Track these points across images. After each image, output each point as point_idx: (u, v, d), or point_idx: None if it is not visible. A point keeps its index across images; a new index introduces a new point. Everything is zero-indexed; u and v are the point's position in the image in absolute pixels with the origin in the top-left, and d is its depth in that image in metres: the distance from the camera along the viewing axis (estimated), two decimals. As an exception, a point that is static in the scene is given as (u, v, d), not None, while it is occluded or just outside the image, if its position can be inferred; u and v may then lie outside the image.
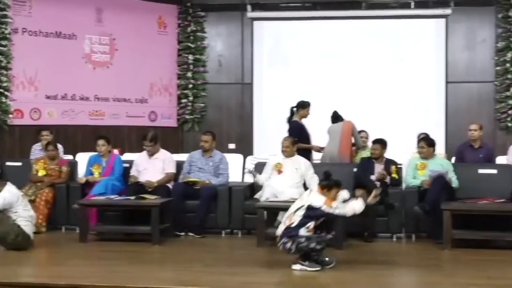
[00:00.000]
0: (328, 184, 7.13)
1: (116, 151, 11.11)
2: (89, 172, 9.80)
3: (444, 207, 8.23)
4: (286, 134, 9.98)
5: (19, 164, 10.40)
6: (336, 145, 10.32)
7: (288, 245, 6.93)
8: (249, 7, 13.70)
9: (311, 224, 6.94)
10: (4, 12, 12.12)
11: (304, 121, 10.46)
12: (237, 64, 14.08)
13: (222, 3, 14.03)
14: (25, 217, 8.05)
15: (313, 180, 8.95)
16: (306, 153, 10.05)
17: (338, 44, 13.73)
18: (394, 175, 9.31)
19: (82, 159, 10.48)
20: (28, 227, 8.07)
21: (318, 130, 10.62)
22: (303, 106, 10.43)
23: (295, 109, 10.48)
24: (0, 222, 7.90)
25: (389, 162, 9.44)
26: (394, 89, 13.37)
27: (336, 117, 10.68)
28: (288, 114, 10.52)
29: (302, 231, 6.91)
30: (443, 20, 13.42)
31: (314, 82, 13.37)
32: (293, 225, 6.95)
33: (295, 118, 10.43)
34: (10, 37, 12.25)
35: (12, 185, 8.14)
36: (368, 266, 7.29)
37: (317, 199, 7.01)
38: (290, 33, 13.98)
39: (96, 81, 13.20)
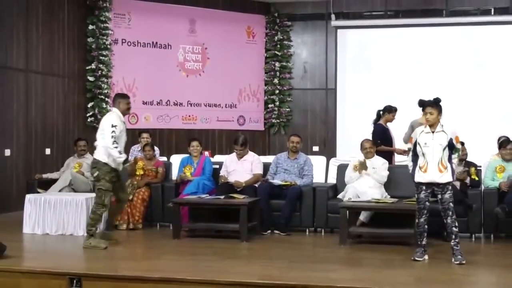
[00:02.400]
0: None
1: (206, 153, 11.25)
2: (181, 173, 9.96)
3: (524, 208, 8.04)
4: (368, 137, 9.88)
5: (118, 165, 10.63)
6: None
7: None
8: (333, 16, 13.69)
9: None
10: (106, 25, 12.48)
11: (389, 125, 10.35)
12: (321, 71, 14.06)
13: (307, 12, 14.05)
14: None
15: (384, 173, 9.06)
16: (388, 155, 9.95)
17: (420, 51, 13.55)
18: (474, 177, 9.13)
19: (176, 160, 10.65)
20: None
21: (400, 134, 10.50)
22: (389, 110, 10.31)
23: (381, 112, 10.38)
24: None
25: (469, 164, 9.26)
26: (474, 94, 13.10)
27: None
28: (372, 117, 10.42)
29: None
30: (523, 26, 13.09)
31: (396, 88, 13.22)
32: None
33: (381, 121, 10.34)
34: (111, 48, 12.60)
35: None
36: (446, 264, 7.16)
37: None
38: (373, 41, 13.87)
39: (189, 88, 13.42)
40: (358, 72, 13.88)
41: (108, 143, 7.82)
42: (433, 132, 7.17)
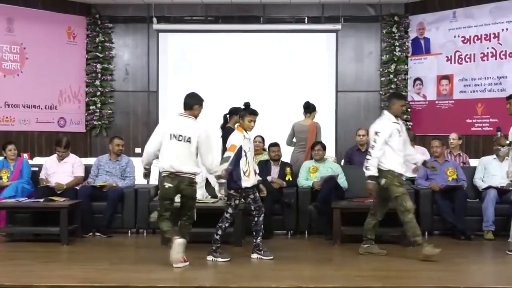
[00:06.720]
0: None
1: (25, 155, 10.84)
2: (-3, 178, 9.54)
3: (334, 206, 8.41)
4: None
5: None
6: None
7: None
8: (154, 20, 13.64)
9: None
10: None
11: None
12: (143, 73, 13.96)
13: (129, 15, 13.88)
14: None
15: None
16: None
17: (239, 56, 13.79)
18: (289, 177, 9.43)
19: (-8, 163, 10.16)
20: None
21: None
22: (236, 112, 9.24)
23: (228, 116, 9.87)
24: None
25: (284, 165, 9.57)
26: (289, 97, 13.47)
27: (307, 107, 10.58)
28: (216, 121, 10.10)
29: None
30: (333, 35, 13.68)
31: (216, 90, 13.33)
32: None
33: (229, 124, 9.73)
34: None
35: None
36: (265, 261, 7.35)
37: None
38: (194, 45, 13.95)
39: (7, 88, 12.80)
40: (180, 75, 13.91)
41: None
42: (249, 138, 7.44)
